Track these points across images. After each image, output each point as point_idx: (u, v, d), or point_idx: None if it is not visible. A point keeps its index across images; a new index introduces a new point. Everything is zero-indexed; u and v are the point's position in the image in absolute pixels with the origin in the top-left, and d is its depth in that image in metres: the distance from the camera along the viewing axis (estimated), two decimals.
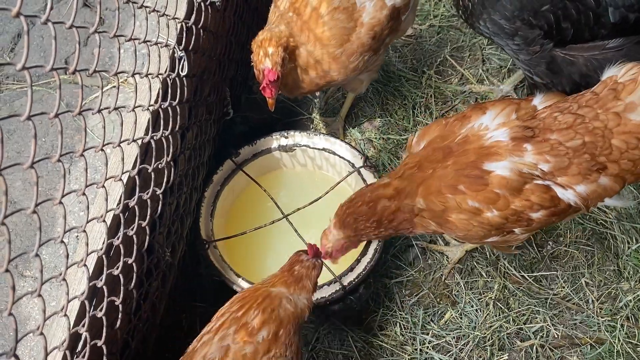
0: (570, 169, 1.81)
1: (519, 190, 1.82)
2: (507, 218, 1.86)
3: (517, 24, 2.24)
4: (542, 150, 1.82)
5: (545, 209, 1.86)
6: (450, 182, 1.86)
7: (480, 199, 1.84)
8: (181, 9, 1.92)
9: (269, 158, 2.66)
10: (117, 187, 1.55)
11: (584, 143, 1.81)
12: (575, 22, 2.20)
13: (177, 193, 2.08)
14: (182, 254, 2.25)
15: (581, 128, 1.82)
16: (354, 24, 2.27)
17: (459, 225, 1.91)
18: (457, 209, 1.87)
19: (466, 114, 1.99)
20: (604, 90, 1.86)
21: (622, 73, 1.86)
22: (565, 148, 1.81)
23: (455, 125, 1.98)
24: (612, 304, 2.50)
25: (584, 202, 1.85)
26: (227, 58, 2.55)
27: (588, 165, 1.81)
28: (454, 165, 1.87)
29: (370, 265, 2.27)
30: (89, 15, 3.70)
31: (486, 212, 1.85)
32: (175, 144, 1.90)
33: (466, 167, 1.85)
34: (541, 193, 1.83)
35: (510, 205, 1.84)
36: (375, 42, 2.34)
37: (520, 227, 1.91)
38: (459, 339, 2.46)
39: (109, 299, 1.52)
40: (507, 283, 2.57)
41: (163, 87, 1.77)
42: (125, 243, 1.60)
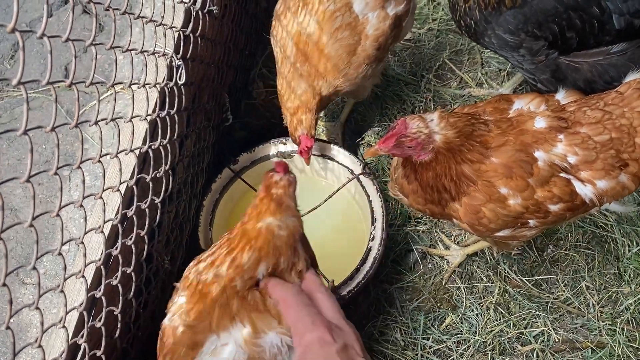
0: (595, 164, 1.83)
1: (547, 182, 1.83)
2: (527, 207, 1.86)
3: (521, 37, 2.24)
4: (573, 142, 1.83)
5: (564, 203, 1.86)
6: (507, 163, 1.82)
7: (512, 185, 1.83)
8: (178, 18, 1.92)
9: (267, 165, 2.65)
10: (115, 197, 1.55)
11: (611, 138, 1.83)
12: (580, 31, 2.20)
13: (176, 201, 2.08)
14: (181, 262, 2.25)
15: (609, 124, 1.84)
16: (359, 38, 2.29)
17: (487, 214, 1.89)
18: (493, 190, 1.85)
19: (497, 106, 1.97)
20: (628, 90, 1.89)
21: None
22: (594, 142, 1.83)
23: (502, 104, 1.96)
24: (613, 308, 2.50)
25: (600, 199, 1.86)
26: (225, 65, 2.55)
27: (612, 161, 1.83)
28: (515, 142, 1.84)
29: (370, 275, 2.27)
30: (89, 22, 3.71)
31: (510, 200, 1.85)
32: (174, 152, 1.90)
33: (522, 148, 1.82)
34: (563, 186, 1.84)
35: (534, 195, 1.84)
36: (380, 52, 2.36)
37: (537, 218, 1.90)
38: (460, 343, 2.46)
39: (107, 308, 1.52)
40: (508, 287, 2.57)
41: (161, 96, 1.78)
42: (124, 253, 1.60)
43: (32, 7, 3.77)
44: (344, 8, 2.25)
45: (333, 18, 2.22)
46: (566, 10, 2.18)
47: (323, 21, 2.24)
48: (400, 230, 2.71)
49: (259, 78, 3.26)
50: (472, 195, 1.87)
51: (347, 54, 2.25)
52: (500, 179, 1.83)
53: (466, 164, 1.82)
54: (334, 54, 2.24)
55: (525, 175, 1.81)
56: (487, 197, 1.85)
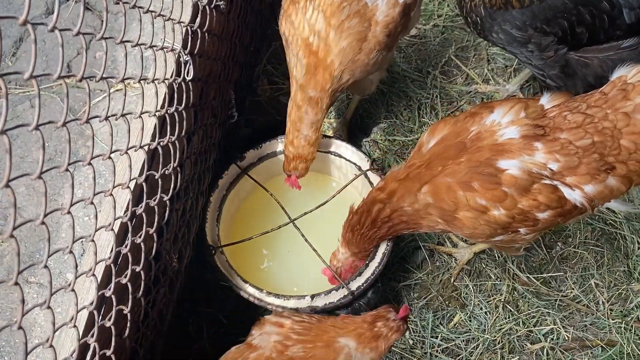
0: (579, 169, 1.79)
1: (527, 190, 1.80)
2: (513, 217, 1.84)
3: (529, 32, 2.22)
4: (552, 150, 1.80)
5: (552, 210, 1.83)
6: (463, 179, 1.83)
7: (489, 197, 1.82)
8: (186, 13, 1.90)
9: (274, 161, 2.63)
10: (125, 195, 1.53)
11: (593, 143, 1.79)
12: (590, 26, 2.17)
13: (184, 198, 2.05)
14: (188, 260, 2.23)
15: (591, 127, 1.80)
16: (369, 24, 2.28)
17: (467, 223, 1.89)
18: (466, 206, 1.85)
19: (476, 111, 1.96)
20: (612, 90, 1.84)
21: (633, 74, 1.84)
22: (575, 147, 1.79)
23: (467, 122, 1.95)
24: (623, 305, 2.48)
25: (590, 202, 1.83)
26: (231, 61, 2.53)
27: (597, 165, 1.79)
28: (468, 162, 1.84)
29: (379, 270, 2.25)
30: (90, 18, 3.69)
31: (493, 211, 1.83)
32: (182, 148, 1.88)
33: (480, 164, 1.82)
34: (549, 193, 1.81)
35: (518, 204, 1.82)
36: (390, 39, 2.35)
37: (526, 227, 1.89)
38: (469, 342, 2.44)
39: (117, 307, 1.50)
40: (516, 285, 2.55)
41: (169, 92, 1.75)
42: (133, 251, 1.58)
43: (34, 3, 3.74)
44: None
45: (340, 9, 2.20)
46: (576, 6, 2.15)
47: (330, 15, 2.22)
48: None
49: (263, 75, 3.24)
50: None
51: (358, 41, 2.24)
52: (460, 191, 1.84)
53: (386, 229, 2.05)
54: (344, 46, 2.23)
55: (490, 187, 1.79)
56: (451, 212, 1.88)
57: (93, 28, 3.67)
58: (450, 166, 1.86)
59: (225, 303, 2.56)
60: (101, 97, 3.34)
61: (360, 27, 2.22)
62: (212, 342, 2.48)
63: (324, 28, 2.22)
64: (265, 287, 2.29)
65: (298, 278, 2.52)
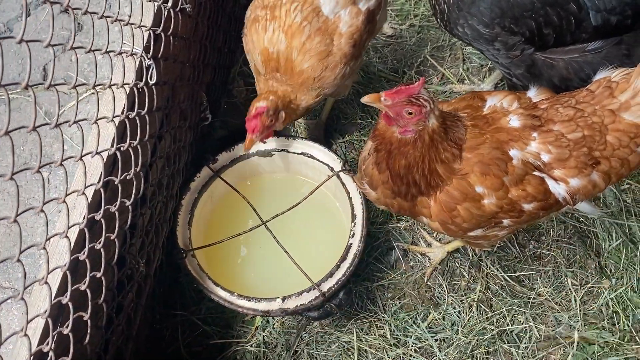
0: (569, 162, 1.82)
1: (520, 180, 1.82)
2: (502, 207, 1.85)
3: (496, 30, 2.22)
4: (547, 140, 1.82)
5: (537, 202, 1.85)
6: (484, 159, 1.81)
7: (488, 184, 1.82)
8: (148, 17, 1.89)
9: (247, 163, 2.63)
10: (82, 201, 1.52)
11: (584, 136, 1.82)
12: (557, 28, 2.18)
13: (151, 202, 2.05)
14: (158, 264, 2.23)
15: (581, 121, 1.83)
16: (331, 39, 2.28)
17: (462, 213, 1.87)
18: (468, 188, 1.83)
19: (470, 96, 1.96)
20: (599, 88, 1.88)
21: (616, 73, 1.88)
22: (567, 140, 1.82)
23: (477, 102, 1.95)
24: (595, 302, 2.49)
25: (572, 197, 1.85)
26: (202, 63, 2.52)
27: (585, 159, 1.82)
28: (492, 139, 1.82)
29: (350, 271, 2.25)
30: (67, 21, 3.66)
31: (485, 199, 1.84)
32: (146, 153, 1.87)
33: (498, 146, 1.81)
34: (537, 184, 1.83)
35: (508, 194, 1.83)
36: (357, 49, 2.34)
37: (510, 217, 1.89)
38: (443, 341, 2.45)
39: (76, 314, 1.49)
40: (490, 284, 2.56)
41: (130, 97, 1.74)
42: (93, 257, 1.58)
43: (9, 6, 3.71)
44: (311, 15, 2.24)
45: (301, 30, 2.21)
46: (544, 6, 2.16)
47: (292, 36, 2.23)
48: (381, 228, 2.70)
49: (239, 76, 3.23)
50: (448, 192, 1.85)
51: (319, 60, 2.25)
52: (477, 176, 1.82)
53: (439, 163, 1.80)
54: (306, 67, 2.25)
55: (500, 174, 1.80)
56: (464, 195, 1.84)
57: (70, 30, 3.65)
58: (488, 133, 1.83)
59: (200, 306, 2.56)
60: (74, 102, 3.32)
61: (322, 45, 2.23)
62: (187, 345, 2.48)
63: (285, 48, 2.25)
64: (240, 290, 2.29)
65: (272, 279, 2.52)
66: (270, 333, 2.49)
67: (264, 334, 2.48)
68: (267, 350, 2.45)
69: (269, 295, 2.24)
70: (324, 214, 2.62)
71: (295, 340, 2.46)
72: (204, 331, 2.50)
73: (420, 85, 1.67)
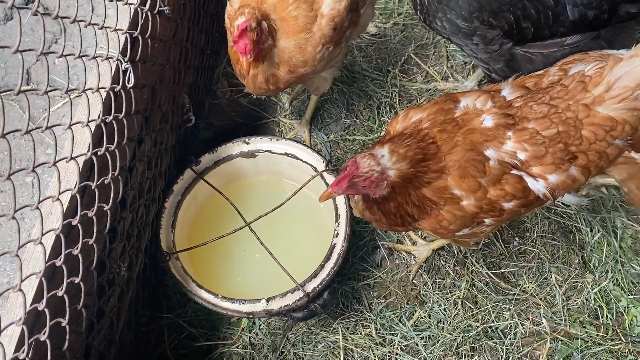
0: (545, 158, 1.82)
1: (498, 180, 1.83)
2: (481, 207, 1.86)
3: (475, 24, 2.23)
4: (522, 139, 1.83)
5: (517, 200, 1.86)
6: (460, 161, 1.81)
7: (465, 187, 1.83)
8: (125, 20, 1.88)
9: (231, 165, 2.62)
10: (57, 207, 1.51)
11: (558, 132, 1.82)
12: (535, 22, 2.20)
13: (132, 206, 2.04)
14: (141, 267, 2.22)
15: (556, 117, 1.83)
16: (314, 15, 2.29)
17: (446, 215, 1.89)
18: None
19: (444, 99, 1.96)
20: (572, 83, 1.88)
21: (589, 67, 1.87)
22: (542, 137, 1.82)
23: (449, 104, 1.95)
24: (579, 297, 2.51)
25: (552, 193, 1.86)
26: (183, 65, 2.51)
27: (561, 155, 1.82)
28: (464, 142, 1.83)
29: (334, 271, 2.25)
30: (50, 23, 3.64)
31: (464, 201, 1.85)
32: (125, 157, 1.87)
33: (473, 147, 1.82)
34: (515, 183, 1.83)
35: (487, 194, 1.84)
36: (336, 33, 2.35)
37: (491, 217, 1.90)
38: (428, 339, 2.46)
39: (53, 321, 1.48)
40: (475, 281, 2.56)
41: (106, 101, 1.74)
42: (71, 262, 1.57)
43: None
44: None
45: None
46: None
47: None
48: (366, 227, 2.70)
49: (223, 77, 3.22)
50: None
51: (305, 24, 2.25)
52: (455, 179, 1.82)
53: (425, 187, 1.83)
54: (292, 16, 2.24)
55: (478, 175, 1.80)
56: (443, 199, 1.85)
57: (53, 33, 3.63)
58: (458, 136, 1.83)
59: (186, 308, 2.55)
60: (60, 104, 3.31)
61: (308, 12, 2.25)
62: (173, 348, 2.48)
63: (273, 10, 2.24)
64: (225, 292, 2.29)
65: (257, 281, 2.52)
66: (257, 334, 2.49)
67: (250, 335, 2.48)
68: (254, 351, 2.45)
69: (254, 297, 2.23)
70: (308, 214, 2.62)
71: (282, 341, 2.46)
72: (190, 333, 2.49)
73: (353, 165, 1.74)
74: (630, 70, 1.72)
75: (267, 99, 3.15)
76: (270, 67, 2.28)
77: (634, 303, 2.47)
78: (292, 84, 2.48)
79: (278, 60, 2.28)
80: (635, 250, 2.60)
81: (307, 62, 2.32)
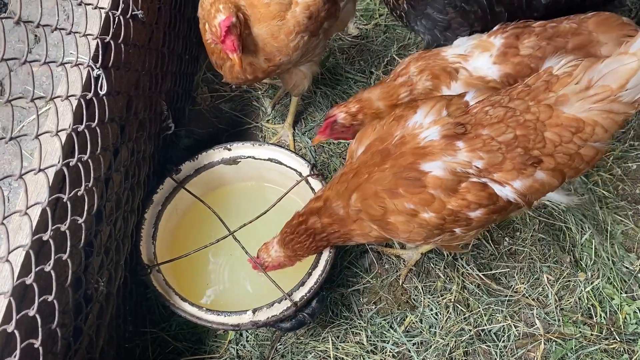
0: (504, 165, 1.76)
1: (454, 190, 1.77)
2: (444, 219, 1.80)
3: (450, 14, 2.21)
4: (475, 147, 1.76)
5: (484, 207, 1.80)
6: (388, 186, 1.81)
7: (416, 200, 1.78)
8: (95, 25, 1.80)
9: (213, 173, 2.55)
10: (26, 222, 1.43)
11: (515, 137, 1.75)
12: (508, 5, 2.17)
13: (110, 218, 1.96)
14: (121, 281, 2.13)
15: (512, 121, 1.76)
16: (289, 2, 2.27)
17: (400, 227, 1.85)
18: (396, 211, 1.81)
19: (402, 113, 1.93)
20: (537, 82, 1.80)
21: (560, 65, 1.80)
22: (497, 143, 1.76)
23: (392, 126, 1.92)
24: (571, 296, 2.47)
25: (523, 198, 1.79)
26: (160, 71, 2.44)
27: (522, 160, 1.75)
28: (392, 168, 1.82)
29: (322, 278, 2.18)
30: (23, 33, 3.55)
31: (422, 214, 1.80)
32: (99, 167, 1.79)
33: (404, 169, 1.79)
34: (477, 191, 1.77)
35: (447, 205, 1.78)
36: (312, 22, 2.31)
37: (459, 227, 1.85)
38: (420, 344, 2.40)
39: (25, 342, 1.40)
40: (466, 283, 2.51)
41: (77, 109, 1.66)
42: (43, 280, 1.49)
43: None
44: None
45: None
46: None
47: None
48: None
49: (203, 83, 3.15)
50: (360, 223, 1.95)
51: (278, 11, 2.23)
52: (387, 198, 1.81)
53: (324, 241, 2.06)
54: (267, 1, 2.22)
55: (416, 190, 1.76)
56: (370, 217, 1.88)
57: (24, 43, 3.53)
58: (376, 173, 1.82)
59: (170, 322, 2.47)
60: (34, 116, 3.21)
61: (281, 5, 2.21)
62: None
63: None
64: (210, 303, 2.21)
65: (243, 291, 2.45)
66: (244, 346, 2.41)
67: (238, 348, 2.40)
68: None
69: (240, 308, 2.16)
70: None
71: (270, 353, 2.38)
72: (175, 348, 2.41)
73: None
74: (616, 69, 1.64)
75: (250, 103, 3.09)
76: (247, 55, 2.24)
77: (627, 301, 2.43)
78: (271, 73, 2.43)
79: (254, 48, 2.26)
80: (627, 247, 2.57)
81: (281, 50, 2.29)
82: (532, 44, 2.08)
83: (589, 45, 2.05)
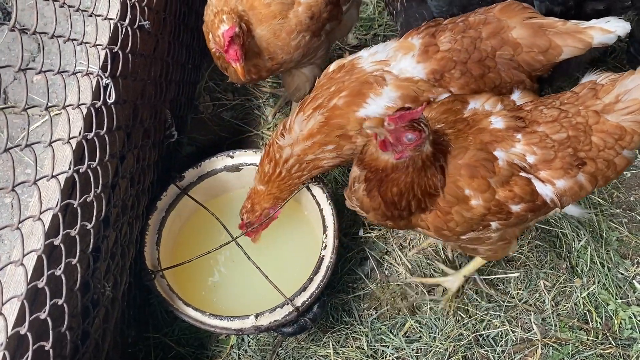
0: (554, 163, 1.82)
1: (507, 182, 1.82)
2: (489, 209, 1.84)
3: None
4: (531, 142, 1.83)
5: (525, 203, 1.85)
6: (470, 161, 1.81)
7: (475, 186, 1.81)
8: (104, 35, 1.85)
9: (216, 180, 2.59)
10: (38, 227, 1.47)
11: (568, 137, 1.83)
12: None
13: (115, 224, 2.00)
14: (126, 286, 2.17)
15: (566, 122, 1.84)
16: (292, 2, 2.34)
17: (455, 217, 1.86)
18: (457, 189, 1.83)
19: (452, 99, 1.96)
20: (583, 90, 1.89)
21: (602, 77, 1.90)
22: (551, 141, 1.83)
23: (457, 105, 1.94)
24: (568, 302, 2.51)
25: (560, 199, 1.85)
26: (165, 80, 2.48)
27: (570, 160, 1.82)
28: (475, 140, 1.83)
29: (323, 284, 2.22)
30: (27, 42, 3.59)
31: (472, 200, 1.83)
32: (107, 174, 1.83)
33: (483, 147, 1.81)
34: (524, 185, 1.83)
35: (495, 195, 1.83)
36: (314, 22, 2.38)
37: (498, 220, 1.88)
38: (420, 350, 2.43)
39: (37, 345, 1.43)
40: (465, 289, 2.55)
41: (87, 118, 1.70)
42: (54, 283, 1.52)
43: None
44: None
45: None
46: None
47: None
48: (355, 238, 2.68)
49: (205, 92, 3.20)
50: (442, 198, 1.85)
51: (280, 10, 2.29)
52: (465, 179, 1.81)
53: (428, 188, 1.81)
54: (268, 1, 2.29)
55: (487, 175, 1.79)
56: (455, 199, 1.83)
57: (30, 52, 3.58)
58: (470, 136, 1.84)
59: (173, 327, 2.50)
60: (40, 123, 3.26)
61: (284, 5, 2.28)
62: None
63: None
64: (213, 308, 2.24)
65: (245, 296, 2.48)
66: (246, 351, 2.44)
67: (239, 352, 2.44)
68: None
69: (242, 313, 2.19)
70: (295, 227, 2.59)
71: (272, 357, 2.42)
72: (178, 353, 2.44)
73: (422, 110, 1.64)
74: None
75: (251, 112, 3.14)
76: (251, 57, 2.31)
77: (622, 306, 2.48)
78: (275, 71, 2.50)
79: (257, 50, 2.33)
80: (622, 253, 2.62)
81: (283, 49, 2.36)
82: (448, 39, 2.10)
83: (501, 31, 2.09)
